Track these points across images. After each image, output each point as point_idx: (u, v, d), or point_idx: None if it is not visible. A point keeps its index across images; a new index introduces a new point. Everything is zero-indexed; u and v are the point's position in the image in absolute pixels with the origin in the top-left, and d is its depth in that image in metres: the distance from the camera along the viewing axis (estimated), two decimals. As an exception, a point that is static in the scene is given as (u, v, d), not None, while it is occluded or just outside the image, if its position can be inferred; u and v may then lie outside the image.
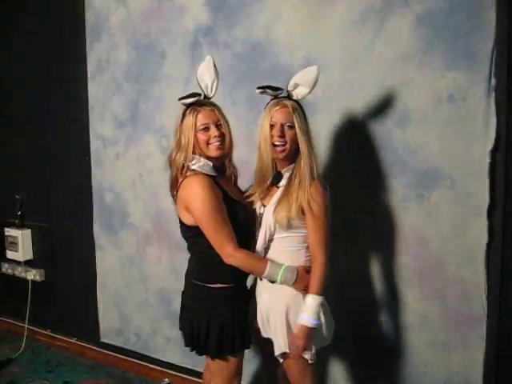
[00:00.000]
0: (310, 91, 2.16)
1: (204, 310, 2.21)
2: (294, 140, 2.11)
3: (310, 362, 2.20)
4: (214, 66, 2.20)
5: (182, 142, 2.17)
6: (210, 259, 2.18)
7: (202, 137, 2.14)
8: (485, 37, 2.23)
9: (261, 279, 2.26)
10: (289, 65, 2.73)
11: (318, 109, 2.65)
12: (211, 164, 2.18)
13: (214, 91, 2.23)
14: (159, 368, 3.58)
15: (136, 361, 3.71)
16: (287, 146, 2.11)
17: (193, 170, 2.16)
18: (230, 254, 2.10)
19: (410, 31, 2.41)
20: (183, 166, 2.17)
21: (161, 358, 3.58)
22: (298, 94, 2.16)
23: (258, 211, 2.25)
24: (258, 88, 2.16)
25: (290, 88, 2.16)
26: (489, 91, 2.25)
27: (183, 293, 2.38)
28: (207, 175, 2.15)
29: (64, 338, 4.13)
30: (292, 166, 2.17)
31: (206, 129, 2.14)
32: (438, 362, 2.51)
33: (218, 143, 2.15)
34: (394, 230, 2.55)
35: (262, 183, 2.20)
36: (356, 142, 2.60)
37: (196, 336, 2.22)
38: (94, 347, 3.95)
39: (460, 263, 2.40)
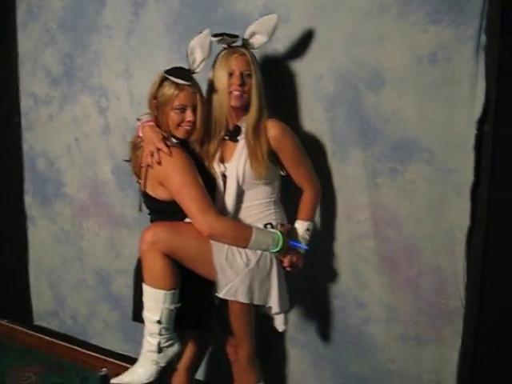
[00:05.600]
0: (268, 40, 2.07)
1: None
2: (251, 89, 2.05)
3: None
4: (210, 43, 2.04)
5: (158, 118, 2.07)
6: None
7: (175, 117, 2.02)
8: (475, -15, 1.89)
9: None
10: (246, 13, 2.36)
11: (277, 64, 2.33)
12: (175, 140, 2.08)
13: (200, 68, 2.07)
14: (97, 355, 3.26)
15: (72, 346, 3.38)
16: (246, 95, 2.04)
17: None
18: (213, 221, 1.94)
19: (388, -24, 2.05)
20: None
21: (99, 344, 3.26)
22: (255, 42, 2.07)
23: (216, 170, 2.12)
24: (215, 35, 2.04)
25: (246, 36, 2.06)
26: (477, 50, 1.92)
27: (139, 263, 2.17)
28: (182, 148, 2.04)
29: (-7, 319, 3.76)
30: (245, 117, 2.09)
31: (183, 110, 2.01)
32: (407, 358, 2.25)
33: (188, 128, 2.04)
34: (361, 209, 2.25)
35: (214, 138, 2.10)
36: (320, 105, 2.27)
37: None
38: (26, 330, 3.60)
39: (436, 249, 2.12)
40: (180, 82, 1.97)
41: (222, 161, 2.12)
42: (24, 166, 3.36)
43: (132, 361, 3.05)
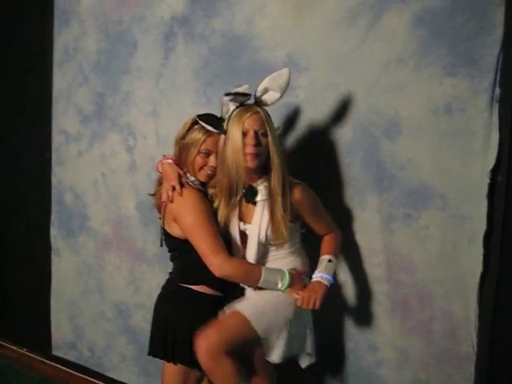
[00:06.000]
0: (281, 96, 2.01)
1: (185, 314, 2.12)
2: (267, 149, 1.98)
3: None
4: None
5: (181, 158, 2.13)
6: (198, 263, 2.04)
7: (199, 160, 2.09)
8: (490, 40, 1.96)
9: (255, 288, 2.10)
10: (270, 62, 2.45)
11: (298, 112, 2.40)
12: (198, 182, 2.14)
13: None
14: (112, 388, 3.28)
15: (88, 378, 3.41)
16: (262, 155, 1.97)
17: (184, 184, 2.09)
18: (223, 262, 1.98)
19: (406, 31, 2.13)
20: None
21: (115, 377, 3.29)
22: (268, 99, 2.01)
23: (235, 229, 2.11)
24: (227, 94, 1.98)
25: (258, 93, 2.00)
26: (492, 102, 1.98)
27: (159, 299, 2.27)
28: (197, 189, 2.10)
29: (12, 347, 3.80)
30: (263, 178, 2.05)
31: (207, 154, 2.08)
32: (418, 403, 2.25)
33: (210, 172, 2.10)
34: (376, 253, 2.29)
35: (229, 199, 2.05)
36: (339, 151, 2.33)
37: (170, 340, 2.12)
38: (45, 360, 3.64)
39: (449, 295, 2.13)
40: (210, 128, 2.02)
41: (241, 219, 2.11)
42: (52, 199, 3.45)
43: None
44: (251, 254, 2.09)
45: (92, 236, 3.27)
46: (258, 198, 2.05)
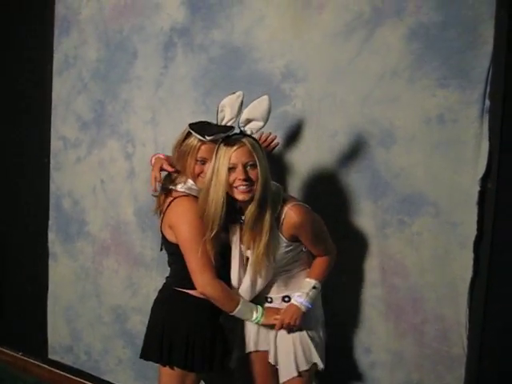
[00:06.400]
0: (265, 124, 1.99)
1: (182, 319, 2.16)
2: (258, 180, 1.94)
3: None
4: (241, 104, 2.01)
5: (179, 165, 2.15)
6: None
7: (196, 168, 2.10)
8: (481, 54, 2.05)
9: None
10: (268, 72, 2.54)
11: (296, 122, 2.48)
12: (197, 188, 2.13)
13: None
14: (108, 391, 3.32)
15: (85, 382, 3.44)
16: (254, 187, 1.93)
17: (182, 191, 2.14)
18: (208, 282, 2.05)
19: (401, 45, 2.22)
20: (169, 188, 2.18)
21: (111, 381, 3.32)
22: (251, 129, 1.99)
23: (237, 254, 2.12)
24: (208, 135, 1.94)
25: (241, 125, 1.99)
26: (482, 113, 2.07)
27: (156, 303, 2.32)
28: (196, 198, 2.11)
29: (8, 351, 3.83)
30: None
31: (203, 162, 2.08)
32: (411, 404, 2.32)
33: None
34: (371, 258, 2.37)
35: (209, 232, 2.00)
36: (335, 160, 2.41)
37: (167, 344, 2.14)
38: (41, 364, 3.66)
39: (440, 298, 2.21)
40: (198, 137, 2.01)
41: (242, 242, 2.09)
42: (50, 204, 3.49)
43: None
44: (246, 278, 2.11)
45: (90, 241, 3.32)
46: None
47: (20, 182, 3.69)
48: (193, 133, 2.04)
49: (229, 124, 2.04)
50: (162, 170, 2.20)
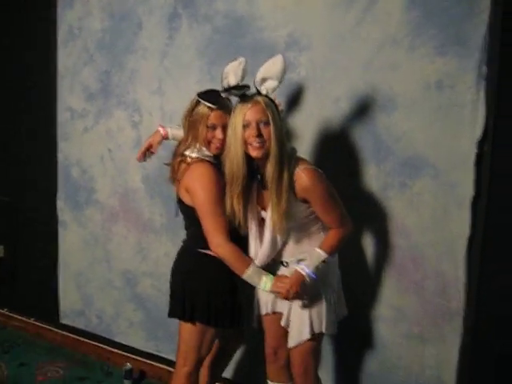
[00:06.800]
0: (280, 83, 2.05)
1: (203, 278, 2.26)
2: (271, 137, 2.01)
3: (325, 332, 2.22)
4: (243, 70, 2.08)
5: (191, 133, 2.23)
6: None
7: (207, 134, 2.18)
8: (477, 23, 2.14)
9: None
10: (272, 41, 2.62)
11: (300, 89, 2.56)
12: (211, 154, 2.22)
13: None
14: (121, 352, 3.45)
15: (97, 344, 3.58)
16: (266, 144, 2.00)
17: (196, 157, 2.21)
18: (220, 243, 2.14)
19: (401, 13, 2.31)
20: (184, 155, 2.24)
21: (123, 342, 3.45)
22: (267, 88, 2.04)
23: (256, 217, 2.19)
24: (223, 92, 2.07)
25: (257, 84, 2.05)
26: (479, 80, 2.17)
27: (176, 265, 2.40)
28: (212, 163, 2.20)
29: (21, 317, 3.95)
30: None
31: (213, 128, 2.17)
32: (411, 355, 2.46)
33: (218, 145, 2.19)
34: (374, 219, 2.49)
35: (236, 188, 2.08)
36: (338, 125, 2.51)
37: (189, 303, 2.25)
38: (53, 328, 3.79)
39: (440, 256, 2.34)
40: (209, 105, 2.12)
41: (260, 205, 2.18)
42: (58, 173, 3.58)
43: (153, 357, 3.30)
44: (266, 237, 2.16)
45: (99, 208, 3.42)
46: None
47: (28, 153, 3.77)
48: (202, 101, 2.14)
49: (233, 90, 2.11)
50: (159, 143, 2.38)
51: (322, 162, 2.44)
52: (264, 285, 2.14)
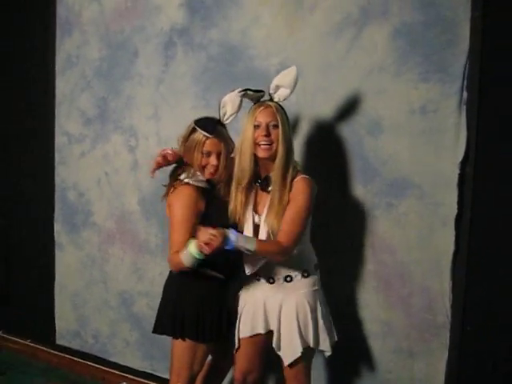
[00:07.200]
0: (292, 92, 2.22)
1: (193, 295, 2.33)
2: (278, 140, 2.15)
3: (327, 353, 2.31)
4: (240, 101, 2.26)
5: (186, 157, 2.33)
6: None
7: (202, 160, 2.28)
8: (458, 51, 2.28)
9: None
10: (264, 69, 2.73)
11: (292, 115, 2.65)
12: (204, 179, 2.32)
13: (229, 121, 2.33)
14: (116, 372, 3.49)
15: (92, 364, 3.61)
16: (273, 145, 2.14)
17: (186, 182, 2.30)
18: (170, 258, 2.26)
19: (387, 42, 2.44)
20: (177, 178, 2.34)
21: (119, 362, 3.50)
22: (279, 95, 2.22)
23: (250, 220, 2.24)
24: (240, 91, 2.21)
25: (271, 90, 2.21)
26: (460, 104, 2.29)
27: (168, 282, 2.47)
28: (198, 187, 2.29)
29: (17, 339, 3.99)
30: None
31: (208, 154, 2.27)
32: (401, 368, 2.54)
33: (212, 170, 2.29)
34: (362, 237, 2.58)
35: (241, 187, 2.22)
36: (328, 148, 2.62)
37: (179, 319, 2.32)
38: (49, 349, 3.83)
39: (426, 272, 2.43)
40: (204, 133, 2.23)
41: (255, 211, 2.26)
42: (55, 196, 3.66)
43: (149, 377, 3.34)
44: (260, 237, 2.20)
45: (96, 230, 3.49)
46: (271, 187, 2.19)
47: (26, 176, 3.85)
48: (198, 129, 2.26)
49: (230, 119, 2.30)
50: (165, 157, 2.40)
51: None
52: (191, 247, 2.08)
